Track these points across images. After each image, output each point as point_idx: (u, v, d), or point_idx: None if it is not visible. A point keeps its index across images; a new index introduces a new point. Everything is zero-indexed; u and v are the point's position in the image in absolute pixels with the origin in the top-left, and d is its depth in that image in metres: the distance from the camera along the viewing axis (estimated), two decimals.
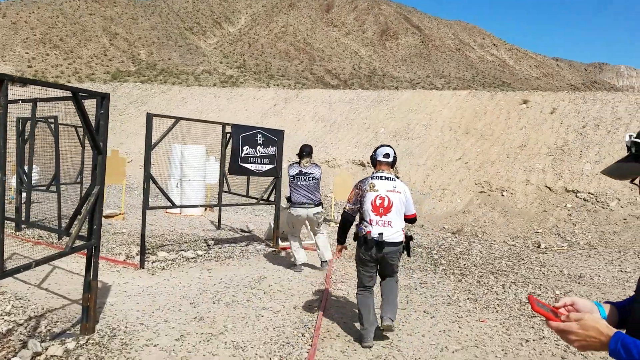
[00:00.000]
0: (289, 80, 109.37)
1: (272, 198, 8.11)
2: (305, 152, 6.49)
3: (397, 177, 4.50)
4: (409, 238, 4.39)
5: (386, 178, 4.34)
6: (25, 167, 7.96)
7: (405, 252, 4.35)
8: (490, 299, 5.94)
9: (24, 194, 8.11)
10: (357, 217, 4.44)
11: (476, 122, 16.52)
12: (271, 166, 7.42)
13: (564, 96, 16.84)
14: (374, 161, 4.50)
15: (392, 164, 4.47)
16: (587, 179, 12.85)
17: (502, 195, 13.09)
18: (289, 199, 6.63)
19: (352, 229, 4.49)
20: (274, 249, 8.04)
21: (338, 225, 4.64)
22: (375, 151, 4.52)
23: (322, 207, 6.72)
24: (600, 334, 1.29)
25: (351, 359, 3.98)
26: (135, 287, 5.60)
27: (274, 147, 7.40)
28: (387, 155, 4.43)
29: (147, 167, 6.34)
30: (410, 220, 4.47)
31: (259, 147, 7.05)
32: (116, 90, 27.15)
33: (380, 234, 4.15)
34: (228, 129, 7.25)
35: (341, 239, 4.51)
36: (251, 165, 7.01)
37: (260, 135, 7.13)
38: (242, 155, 6.85)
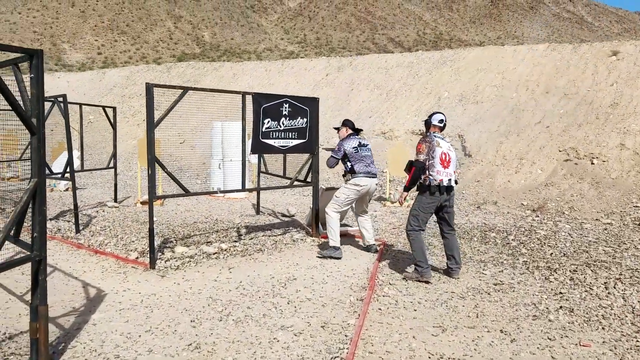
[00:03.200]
0: (350, 52, 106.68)
1: (309, 179, 6.87)
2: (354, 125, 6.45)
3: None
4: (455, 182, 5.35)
5: (442, 138, 5.29)
6: None
7: None
8: (591, 307, 4.42)
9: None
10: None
11: (557, 79, 14.29)
12: (301, 141, 6.11)
13: None
14: (429, 125, 5.41)
15: (442, 129, 5.41)
16: None
17: (592, 164, 11.08)
18: (350, 171, 6.07)
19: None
20: (313, 238, 6.84)
21: (411, 173, 5.12)
22: (430, 117, 5.45)
23: None
24: None
25: None
26: (134, 296, 4.59)
27: (305, 119, 6.09)
28: (441, 121, 5.40)
29: (150, 149, 5.27)
30: None
31: (282, 119, 5.77)
32: (170, 70, 26.75)
33: (449, 180, 5.14)
34: (250, 99, 5.99)
35: (409, 188, 5.24)
36: (274, 140, 5.76)
37: (287, 105, 5.83)
38: (263, 130, 5.61)
